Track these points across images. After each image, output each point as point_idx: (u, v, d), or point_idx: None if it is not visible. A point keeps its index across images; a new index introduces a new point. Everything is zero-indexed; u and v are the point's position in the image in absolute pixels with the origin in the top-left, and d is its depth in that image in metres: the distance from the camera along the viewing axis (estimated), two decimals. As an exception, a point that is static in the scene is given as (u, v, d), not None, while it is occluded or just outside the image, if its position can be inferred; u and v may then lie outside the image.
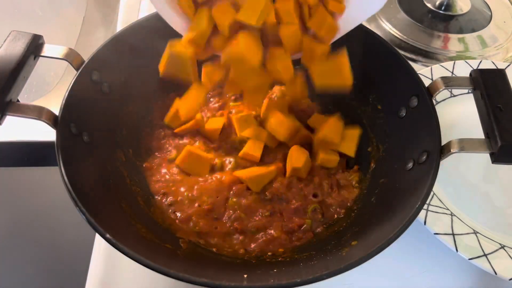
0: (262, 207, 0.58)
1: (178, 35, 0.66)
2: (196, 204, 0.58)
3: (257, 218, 0.58)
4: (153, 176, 0.62)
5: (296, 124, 0.63)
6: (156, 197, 0.59)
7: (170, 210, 0.58)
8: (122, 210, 0.52)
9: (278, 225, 0.57)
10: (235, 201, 0.58)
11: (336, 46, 0.68)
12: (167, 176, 0.61)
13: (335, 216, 0.59)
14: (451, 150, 0.49)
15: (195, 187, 0.59)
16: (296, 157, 0.60)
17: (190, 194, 0.59)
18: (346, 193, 0.60)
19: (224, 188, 0.59)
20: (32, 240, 0.95)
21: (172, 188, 0.60)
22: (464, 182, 0.63)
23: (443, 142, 0.51)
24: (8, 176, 0.77)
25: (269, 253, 0.55)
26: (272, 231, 0.57)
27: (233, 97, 0.69)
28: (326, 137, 0.60)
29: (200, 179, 0.61)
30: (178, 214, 0.57)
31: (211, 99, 0.70)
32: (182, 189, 0.60)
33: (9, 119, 0.49)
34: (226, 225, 0.57)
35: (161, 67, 0.54)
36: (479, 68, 0.71)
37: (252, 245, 0.56)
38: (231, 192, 0.59)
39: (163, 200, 0.59)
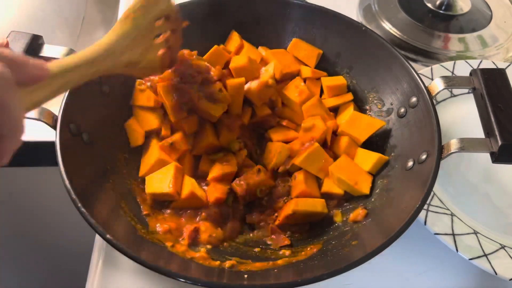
0: None
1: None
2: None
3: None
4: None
5: None
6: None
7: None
8: (122, 210, 0.52)
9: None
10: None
11: (334, 57, 0.68)
12: None
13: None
14: (451, 150, 0.49)
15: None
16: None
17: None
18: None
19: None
20: (32, 240, 0.95)
21: None
22: (464, 182, 0.63)
23: (443, 142, 0.51)
24: (8, 176, 0.77)
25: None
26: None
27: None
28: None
29: None
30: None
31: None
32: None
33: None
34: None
35: None
36: (479, 68, 0.71)
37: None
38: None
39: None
